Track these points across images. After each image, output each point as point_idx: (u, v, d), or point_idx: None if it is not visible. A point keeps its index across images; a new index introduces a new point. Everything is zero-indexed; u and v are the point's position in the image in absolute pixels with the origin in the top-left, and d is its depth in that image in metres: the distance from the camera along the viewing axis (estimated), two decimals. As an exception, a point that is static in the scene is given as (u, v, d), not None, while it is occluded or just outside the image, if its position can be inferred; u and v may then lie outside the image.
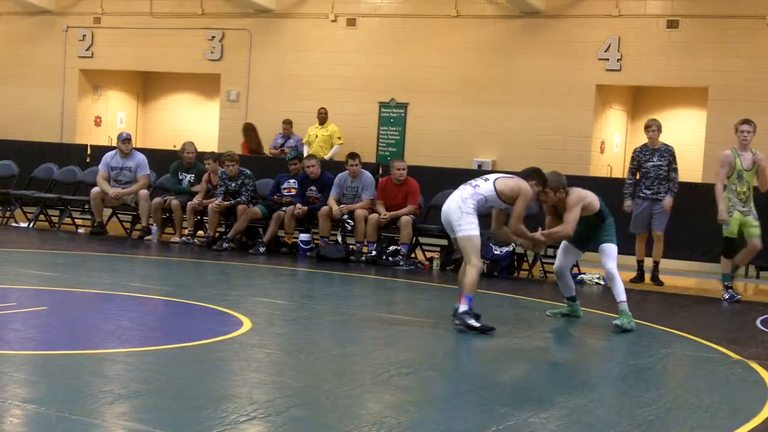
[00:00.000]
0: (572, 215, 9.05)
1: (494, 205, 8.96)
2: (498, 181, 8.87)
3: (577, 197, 9.09)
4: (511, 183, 8.87)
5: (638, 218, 12.73)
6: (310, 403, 5.88)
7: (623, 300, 9.10)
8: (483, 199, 8.76)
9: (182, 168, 14.97)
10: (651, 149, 12.77)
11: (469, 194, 8.75)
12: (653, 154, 12.72)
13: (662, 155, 12.70)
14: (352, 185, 13.95)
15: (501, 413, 5.89)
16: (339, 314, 9.39)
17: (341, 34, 18.91)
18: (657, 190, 12.65)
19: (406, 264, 13.24)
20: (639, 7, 16.95)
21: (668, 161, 12.68)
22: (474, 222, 8.66)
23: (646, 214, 12.69)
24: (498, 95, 17.67)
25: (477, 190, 8.78)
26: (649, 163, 12.70)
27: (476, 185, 8.84)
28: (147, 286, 10.48)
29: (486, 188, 8.79)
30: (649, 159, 12.71)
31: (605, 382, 7.38)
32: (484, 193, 8.77)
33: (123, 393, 5.80)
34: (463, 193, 8.79)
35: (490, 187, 8.80)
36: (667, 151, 12.75)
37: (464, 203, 8.70)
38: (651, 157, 12.71)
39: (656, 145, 12.78)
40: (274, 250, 13.90)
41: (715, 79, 16.37)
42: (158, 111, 22.36)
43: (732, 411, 6.34)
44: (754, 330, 9.79)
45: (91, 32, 20.91)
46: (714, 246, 12.66)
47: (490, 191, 8.77)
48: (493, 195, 8.78)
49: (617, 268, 9.17)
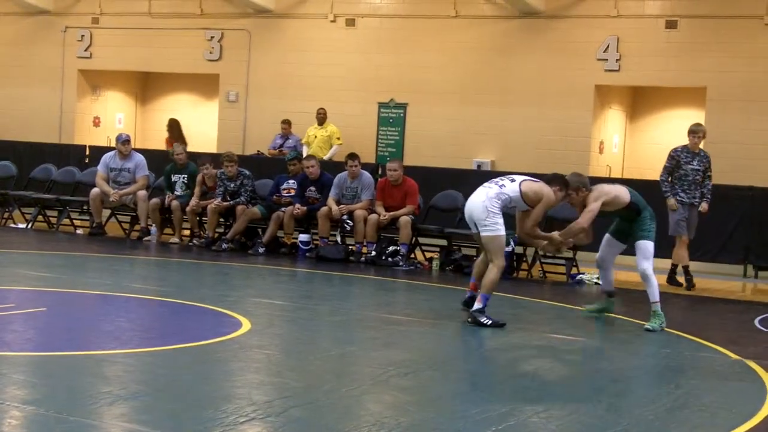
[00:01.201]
0: (589, 209, 9.12)
1: (517, 206, 9.14)
2: (524, 183, 9.06)
3: (597, 193, 9.18)
4: (535, 186, 9.07)
5: (681, 221, 12.50)
6: (310, 404, 5.89)
7: (656, 301, 9.16)
8: (508, 198, 8.97)
9: (175, 170, 14.96)
10: (692, 153, 12.60)
11: (495, 193, 8.94)
12: (694, 157, 12.56)
13: (701, 161, 12.58)
14: (352, 186, 13.95)
15: (501, 413, 5.89)
16: (338, 315, 9.39)
17: (340, 35, 18.91)
18: (693, 194, 12.51)
19: (405, 264, 13.24)
20: (638, 7, 16.95)
21: (705, 167, 12.56)
22: (500, 222, 8.88)
23: (686, 218, 12.52)
24: (497, 95, 17.66)
25: (503, 190, 8.98)
26: (689, 166, 12.54)
27: (502, 185, 9.03)
28: (146, 287, 10.48)
29: (512, 189, 8.99)
30: (690, 162, 12.55)
31: (604, 381, 7.38)
32: (510, 193, 8.97)
33: (122, 394, 5.80)
34: (489, 192, 8.97)
35: (515, 188, 9.00)
36: (705, 157, 12.63)
37: (491, 202, 8.89)
38: (692, 160, 12.55)
39: (697, 150, 12.65)
40: (273, 250, 13.90)
41: (714, 80, 16.37)
42: (157, 111, 22.34)
43: (731, 410, 6.35)
44: (753, 330, 9.80)
45: (89, 33, 20.90)
46: (712, 246, 12.68)
47: (516, 192, 8.97)
48: (518, 196, 8.98)
49: (653, 267, 9.20)
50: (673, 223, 12.46)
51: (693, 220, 12.53)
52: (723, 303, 11.82)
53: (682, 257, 12.57)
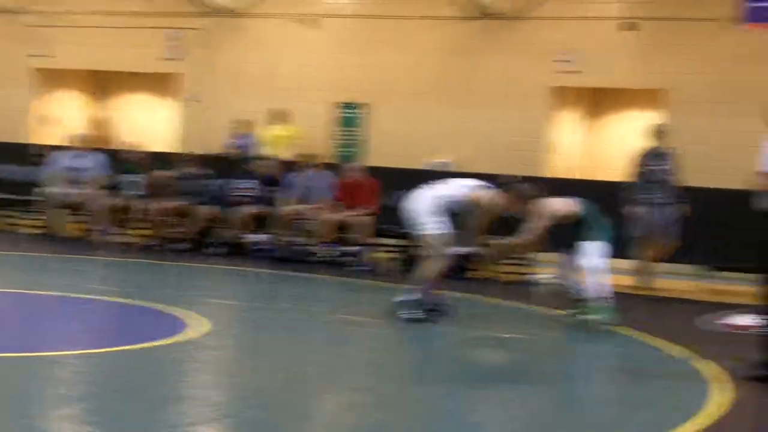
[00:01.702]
0: (538, 224, 9.13)
1: (462, 209, 9.12)
2: (470, 186, 9.08)
3: (541, 208, 9.14)
4: (482, 192, 9.04)
5: (646, 224, 12.48)
6: (266, 405, 5.85)
7: (598, 297, 9.12)
8: (453, 201, 8.97)
9: (130, 169, 14.84)
10: (660, 153, 12.57)
11: (439, 194, 8.97)
12: (662, 158, 12.54)
13: (670, 160, 12.55)
14: (312, 186, 13.91)
15: (459, 413, 5.89)
16: (295, 315, 9.36)
17: (301, 34, 18.84)
18: (665, 195, 12.45)
19: (364, 265, 13.21)
20: (597, 9, 17.02)
21: (674, 167, 12.53)
22: (439, 221, 8.86)
23: (654, 220, 12.48)
24: (458, 96, 17.67)
25: (447, 192, 9.00)
26: (658, 167, 12.50)
27: (447, 186, 9.08)
28: (103, 288, 10.37)
29: (456, 191, 9.01)
30: (658, 163, 12.52)
31: (557, 380, 7.41)
32: (455, 195, 8.97)
33: (74, 396, 5.74)
34: (433, 192, 8.99)
35: (460, 191, 9.03)
36: (673, 156, 12.59)
37: (432, 202, 8.91)
38: (660, 161, 12.52)
39: (665, 151, 12.61)
40: (231, 251, 13.82)
41: (672, 82, 16.46)
42: (115, 111, 22.18)
43: (676, 407, 6.39)
44: (709, 329, 9.86)
45: (48, 31, 20.69)
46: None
47: (460, 195, 9.00)
48: (461, 199, 9.00)
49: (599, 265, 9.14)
50: (638, 226, 12.53)
51: (666, 221, 12.47)
52: (677, 302, 11.90)
53: (647, 257, 12.63)
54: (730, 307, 11.27)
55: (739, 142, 15.41)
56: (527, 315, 10.23)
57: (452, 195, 8.97)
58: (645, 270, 12.62)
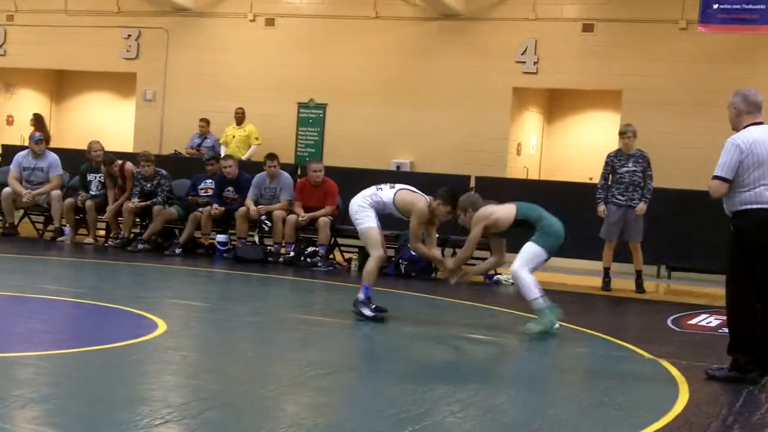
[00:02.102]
0: (471, 236, 9.20)
1: (392, 213, 9.41)
2: (400, 192, 9.32)
3: (477, 218, 9.12)
4: (408, 197, 9.31)
5: (611, 226, 12.55)
6: (227, 406, 5.83)
7: (536, 297, 9.07)
8: (381, 203, 9.29)
9: (90, 169, 14.74)
10: (626, 155, 12.58)
11: (370, 194, 9.32)
12: (628, 159, 12.54)
13: (637, 161, 12.54)
14: (270, 186, 13.89)
15: (418, 413, 5.90)
16: (256, 316, 9.34)
17: (259, 34, 18.82)
18: (631, 196, 12.47)
19: (324, 265, 13.21)
20: (555, 10, 17.13)
21: (643, 167, 12.53)
22: (370, 215, 9.21)
23: (620, 222, 12.51)
24: (416, 97, 17.72)
25: (379, 193, 9.33)
26: (624, 168, 12.52)
27: (380, 188, 9.39)
28: (60, 288, 10.29)
29: (386, 195, 9.31)
30: (624, 164, 12.53)
31: (520, 381, 7.45)
32: (384, 198, 9.29)
33: (34, 397, 5.69)
34: (365, 192, 9.37)
35: (390, 195, 9.30)
36: (642, 157, 12.58)
37: (363, 200, 9.29)
38: (626, 162, 12.53)
39: (631, 151, 12.60)
40: (190, 251, 13.76)
41: (630, 83, 16.61)
42: (72, 110, 22.02)
43: (644, 409, 6.43)
44: (665, 329, 9.95)
45: (3, 30, 20.52)
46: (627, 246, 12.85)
47: (389, 199, 9.28)
48: (391, 203, 9.28)
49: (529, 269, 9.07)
50: (604, 227, 12.60)
51: (632, 222, 12.51)
52: (638, 303, 11.99)
53: (607, 259, 12.71)
54: (692, 308, 11.39)
55: (695, 143, 15.63)
56: (492, 315, 10.27)
57: (381, 197, 9.28)
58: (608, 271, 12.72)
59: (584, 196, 13.22)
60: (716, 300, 12.32)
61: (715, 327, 10.11)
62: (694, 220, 13.42)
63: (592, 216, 12.73)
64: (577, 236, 13.60)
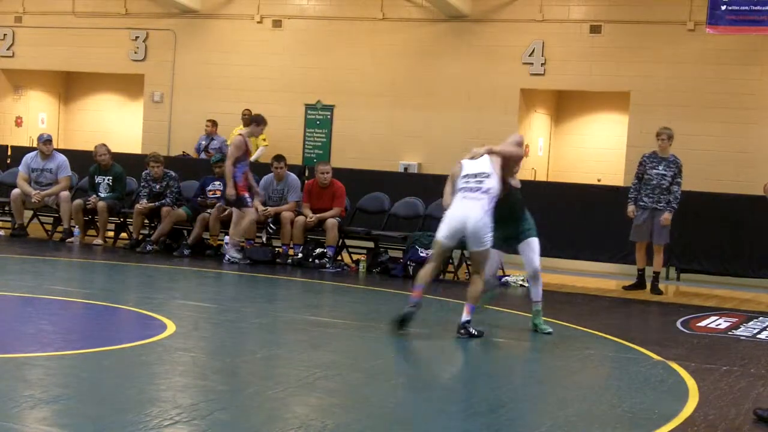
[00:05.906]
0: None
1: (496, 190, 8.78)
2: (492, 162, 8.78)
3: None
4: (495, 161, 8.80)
5: (638, 227, 12.61)
6: (235, 407, 5.84)
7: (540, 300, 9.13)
8: (495, 194, 8.70)
9: (99, 171, 14.76)
10: (659, 157, 12.61)
11: (488, 203, 8.64)
12: (660, 162, 12.57)
13: (669, 165, 12.56)
14: (278, 188, 13.90)
15: (427, 415, 5.90)
16: (264, 317, 9.34)
17: (267, 36, 18.84)
18: (657, 199, 12.50)
19: (332, 266, 13.21)
20: (563, 12, 17.12)
21: (674, 173, 12.54)
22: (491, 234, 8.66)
23: (646, 223, 12.57)
24: (424, 98, 17.72)
25: (491, 191, 8.68)
26: (654, 171, 12.54)
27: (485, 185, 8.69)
28: (69, 289, 10.31)
29: (493, 181, 8.70)
30: (655, 167, 12.56)
31: (528, 383, 7.44)
32: (494, 185, 8.70)
33: (44, 397, 5.70)
34: (483, 204, 8.62)
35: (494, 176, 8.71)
36: (674, 162, 12.59)
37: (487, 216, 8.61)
38: (657, 165, 12.56)
39: (665, 155, 12.63)
40: (198, 252, 13.78)
41: (637, 84, 16.60)
42: (80, 111, 22.06)
43: (653, 411, 6.42)
44: (675, 331, 9.93)
45: (12, 31, 20.56)
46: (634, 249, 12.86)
47: (496, 179, 8.70)
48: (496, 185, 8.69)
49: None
50: (632, 229, 12.64)
51: (658, 225, 12.55)
52: (647, 305, 11.98)
53: (640, 260, 12.77)
54: (701, 310, 11.38)
55: (703, 145, 15.61)
56: (499, 317, 10.26)
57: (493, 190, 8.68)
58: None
59: (592, 198, 13.21)
60: (726, 302, 12.32)
61: (725, 329, 10.10)
62: (703, 222, 13.42)
63: (601, 218, 12.75)
64: (586, 238, 13.68)
